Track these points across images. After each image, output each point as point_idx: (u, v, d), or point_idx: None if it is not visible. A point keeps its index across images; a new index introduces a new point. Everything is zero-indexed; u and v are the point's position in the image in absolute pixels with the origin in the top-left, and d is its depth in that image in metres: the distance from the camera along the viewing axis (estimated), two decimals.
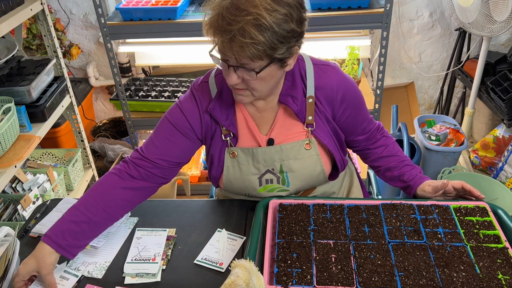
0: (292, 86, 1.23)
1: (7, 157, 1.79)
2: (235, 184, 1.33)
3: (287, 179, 1.30)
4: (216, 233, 1.28)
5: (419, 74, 3.23)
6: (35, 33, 2.89)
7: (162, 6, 2.24)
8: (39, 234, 1.30)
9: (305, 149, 1.28)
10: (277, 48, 1.03)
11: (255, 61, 1.03)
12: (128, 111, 2.58)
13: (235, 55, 1.03)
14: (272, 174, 1.30)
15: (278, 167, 1.28)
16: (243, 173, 1.30)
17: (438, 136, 2.68)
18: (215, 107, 1.23)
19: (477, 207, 1.24)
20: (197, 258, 1.20)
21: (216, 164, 1.32)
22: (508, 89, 2.50)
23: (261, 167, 1.29)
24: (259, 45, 1.00)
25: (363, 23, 2.21)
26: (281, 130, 1.27)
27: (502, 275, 1.04)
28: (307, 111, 1.24)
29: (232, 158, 1.29)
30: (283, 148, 1.26)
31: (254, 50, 1.00)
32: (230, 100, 1.25)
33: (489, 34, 2.41)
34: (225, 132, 1.27)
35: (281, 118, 1.27)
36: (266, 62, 1.05)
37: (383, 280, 1.03)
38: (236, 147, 1.28)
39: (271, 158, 1.27)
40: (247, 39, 0.98)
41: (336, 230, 1.19)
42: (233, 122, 1.26)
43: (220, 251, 1.21)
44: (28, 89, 1.96)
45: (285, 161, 1.27)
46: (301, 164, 1.29)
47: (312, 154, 1.29)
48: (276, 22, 1.00)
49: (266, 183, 1.31)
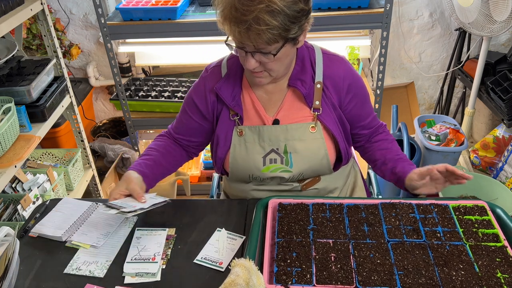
0: (302, 70, 1.29)
1: (7, 157, 1.79)
2: (240, 163, 1.35)
3: (290, 160, 1.32)
4: (215, 232, 1.28)
5: (419, 74, 3.23)
6: (35, 33, 2.89)
7: (162, 6, 2.24)
8: (39, 234, 1.31)
9: (310, 131, 1.31)
10: (290, 29, 1.10)
11: (272, 45, 1.10)
12: (128, 111, 2.58)
13: (252, 43, 1.09)
14: (276, 154, 1.32)
15: (282, 147, 1.31)
16: (248, 151, 1.33)
17: (438, 136, 2.68)
18: (221, 87, 1.31)
19: (476, 206, 1.24)
20: (197, 257, 1.20)
21: (222, 144, 1.36)
22: (508, 89, 2.50)
23: (266, 146, 1.32)
24: (274, 29, 1.06)
25: (363, 23, 2.21)
26: (287, 112, 1.32)
27: (501, 273, 1.04)
28: (315, 96, 1.29)
29: (239, 136, 1.33)
30: (288, 128, 1.30)
31: (270, 35, 1.07)
32: (238, 82, 1.32)
33: (489, 34, 2.41)
34: (233, 112, 1.33)
35: (288, 100, 1.32)
36: (282, 43, 1.12)
37: (382, 279, 1.04)
38: (243, 126, 1.33)
39: (277, 137, 1.31)
40: (262, 26, 1.05)
41: (335, 229, 1.19)
42: (239, 103, 1.32)
43: (220, 251, 1.21)
44: (28, 89, 1.96)
45: (289, 141, 1.30)
46: (305, 145, 1.31)
47: (317, 137, 1.31)
48: (286, 5, 1.06)
49: (270, 163, 1.33)
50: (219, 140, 1.36)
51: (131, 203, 1.24)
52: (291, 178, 1.36)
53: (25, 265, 1.21)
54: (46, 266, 1.21)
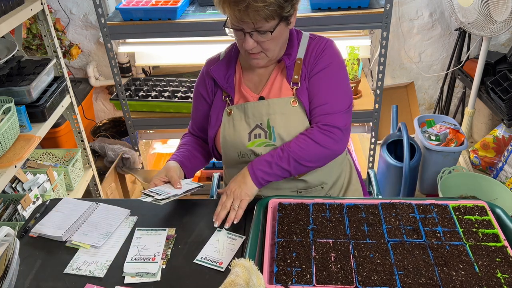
0: (290, 47, 1.37)
1: (7, 157, 1.79)
2: (229, 140, 1.41)
3: (273, 134, 1.36)
4: (215, 232, 1.28)
5: (419, 74, 3.23)
6: (35, 33, 2.90)
7: (162, 6, 2.24)
8: (39, 234, 1.31)
9: (292, 105, 1.35)
10: (284, 7, 1.20)
11: (269, 21, 1.20)
12: (128, 111, 2.58)
13: (252, 20, 1.18)
14: (260, 129, 1.37)
15: (265, 121, 1.36)
16: (236, 129, 1.40)
17: (438, 136, 2.68)
18: (215, 69, 1.41)
19: (476, 206, 1.24)
20: (197, 257, 1.20)
21: (213, 124, 1.45)
22: (508, 89, 2.50)
23: (251, 122, 1.38)
24: (271, 6, 1.16)
25: (363, 23, 2.22)
26: (271, 89, 1.39)
27: (501, 273, 1.04)
28: (295, 70, 1.36)
29: (228, 116, 1.41)
30: (270, 102, 1.36)
31: (267, 12, 1.17)
32: (233, 65, 1.42)
33: (489, 34, 2.41)
34: (225, 94, 1.42)
35: (273, 77, 1.39)
36: (277, 21, 1.22)
37: (382, 279, 1.04)
38: (232, 106, 1.41)
39: (260, 113, 1.36)
40: (259, 3, 1.15)
41: (335, 229, 1.19)
42: (231, 85, 1.42)
43: (220, 251, 1.21)
44: (28, 89, 1.95)
45: (271, 115, 1.36)
46: (286, 119, 1.35)
47: (298, 111, 1.36)
48: None
49: (254, 138, 1.38)
50: (211, 121, 1.45)
51: (167, 190, 1.32)
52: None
53: (25, 265, 1.21)
54: (46, 266, 1.21)
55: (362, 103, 2.59)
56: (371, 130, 2.57)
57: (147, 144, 3.21)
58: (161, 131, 2.82)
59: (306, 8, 2.25)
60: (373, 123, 2.54)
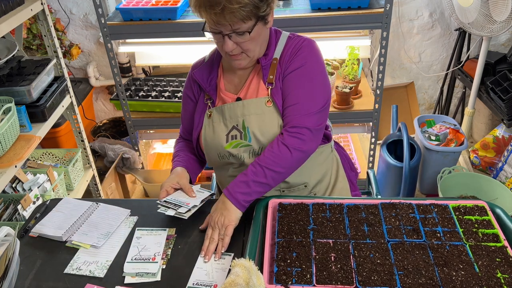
0: (268, 48, 1.37)
1: (7, 157, 1.79)
2: (209, 142, 1.42)
3: (248, 134, 1.36)
4: (200, 256, 1.20)
5: (419, 74, 3.23)
6: (35, 33, 2.90)
7: (162, 6, 2.24)
8: (39, 234, 1.31)
9: (266, 105, 1.35)
10: (260, 7, 1.20)
11: (246, 22, 1.20)
12: (128, 111, 2.58)
13: (228, 22, 1.19)
14: (236, 130, 1.38)
15: (241, 122, 1.36)
16: (215, 130, 1.40)
17: (438, 136, 2.68)
18: (198, 72, 1.42)
19: (476, 206, 1.24)
20: (188, 284, 1.12)
21: (195, 126, 1.46)
22: (508, 89, 2.50)
23: (228, 124, 1.39)
24: (246, 6, 1.17)
25: (363, 23, 2.21)
26: (248, 89, 1.39)
27: (501, 273, 1.04)
28: (270, 70, 1.36)
29: (208, 118, 1.42)
30: (245, 103, 1.36)
31: (243, 13, 1.17)
32: (215, 68, 1.42)
33: (489, 34, 2.41)
34: (207, 96, 1.43)
35: (250, 78, 1.39)
36: (254, 22, 1.22)
37: (382, 279, 1.04)
38: (212, 108, 1.42)
39: (235, 114, 1.37)
40: (234, 5, 1.15)
41: (335, 229, 1.19)
42: (214, 88, 1.42)
43: (210, 274, 1.14)
44: (28, 89, 1.96)
45: (246, 116, 1.36)
46: (261, 119, 1.35)
47: (272, 111, 1.35)
48: None
49: (231, 139, 1.38)
50: (194, 123, 1.47)
51: (183, 199, 1.34)
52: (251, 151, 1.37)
53: (25, 265, 1.21)
54: (46, 266, 1.21)
55: (362, 103, 2.59)
56: (371, 130, 2.58)
57: (147, 144, 3.21)
58: (161, 131, 2.82)
59: (306, 8, 2.25)
60: (373, 123, 2.54)
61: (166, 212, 1.29)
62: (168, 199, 1.33)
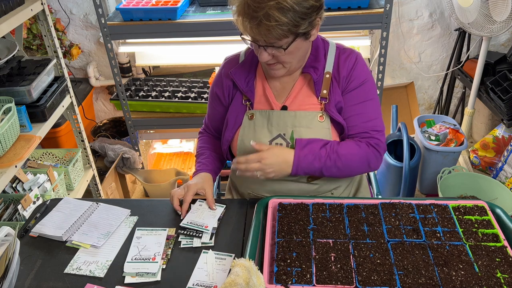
0: (315, 59, 1.33)
1: (8, 157, 1.79)
2: (247, 145, 1.36)
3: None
4: (202, 254, 1.21)
5: (419, 74, 3.23)
6: (36, 33, 2.90)
7: (162, 6, 2.24)
8: (39, 234, 1.31)
9: (319, 121, 1.32)
10: (300, 25, 1.14)
11: (282, 39, 1.15)
12: (128, 111, 2.58)
13: (263, 37, 1.15)
14: (282, 139, 1.34)
15: (289, 132, 1.33)
16: (256, 134, 1.36)
17: (438, 136, 2.68)
18: (236, 72, 1.37)
19: (475, 206, 1.24)
20: (188, 284, 1.12)
21: (231, 127, 1.40)
22: (507, 89, 2.50)
23: (273, 130, 1.35)
24: (284, 25, 1.11)
25: (363, 23, 2.22)
26: (295, 100, 1.34)
27: (500, 273, 1.04)
28: (323, 85, 1.32)
29: (249, 120, 1.37)
30: (297, 114, 1.33)
31: (279, 31, 1.12)
32: (253, 69, 1.38)
33: (488, 34, 2.42)
34: (245, 98, 1.38)
35: (298, 87, 1.35)
36: (292, 38, 1.17)
37: (382, 279, 1.04)
38: (254, 110, 1.37)
39: (285, 123, 1.33)
40: (272, 22, 1.10)
41: (335, 229, 1.19)
42: (251, 89, 1.37)
43: (210, 274, 1.14)
44: (29, 89, 1.96)
45: (297, 127, 1.32)
46: (312, 134, 1.32)
47: (325, 127, 1.33)
48: (296, 2, 1.11)
49: None
50: (228, 122, 1.41)
51: (199, 221, 1.31)
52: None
53: (25, 265, 1.21)
54: (47, 266, 1.21)
55: None
56: None
57: (147, 144, 3.21)
58: (161, 131, 2.82)
59: None
60: None
61: (192, 245, 1.25)
62: (186, 224, 1.30)
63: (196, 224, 1.29)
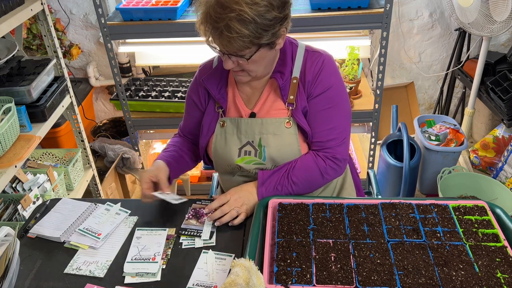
0: (282, 64, 1.32)
1: (7, 157, 1.79)
2: (220, 152, 1.40)
3: (264, 153, 1.35)
4: (202, 254, 1.21)
5: (419, 74, 3.23)
6: (35, 33, 2.90)
7: (162, 6, 2.24)
8: (37, 235, 1.31)
9: (286, 127, 1.33)
10: (262, 36, 1.13)
11: (244, 50, 1.15)
12: (128, 111, 2.58)
13: (225, 48, 1.15)
14: (251, 146, 1.35)
15: (257, 140, 1.34)
16: (227, 142, 1.38)
17: (438, 136, 2.68)
18: (208, 79, 1.37)
19: (476, 206, 1.24)
20: (188, 284, 1.12)
21: (204, 134, 1.42)
22: (508, 89, 2.50)
23: (243, 138, 1.36)
24: (245, 37, 1.10)
25: (363, 23, 2.21)
26: (264, 106, 1.35)
27: (501, 273, 1.04)
28: (290, 90, 1.31)
29: (221, 127, 1.38)
30: (263, 121, 1.34)
31: (240, 43, 1.11)
32: (225, 76, 1.38)
33: (489, 34, 2.41)
34: (218, 105, 1.39)
35: (266, 93, 1.35)
36: (255, 49, 1.17)
37: (382, 279, 1.04)
38: (225, 117, 1.38)
39: (252, 130, 1.34)
40: (233, 33, 1.09)
41: (335, 229, 1.19)
42: (224, 96, 1.37)
43: (210, 274, 1.14)
44: (28, 89, 1.95)
45: (264, 134, 1.33)
46: (279, 140, 1.33)
47: (291, 133, 1.33)
48: (257, 14, 1.10)
49: (244, 155, 1.36)
50: (203, 130, 1.42)
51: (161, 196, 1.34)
52: (265, 168, 1.38)
53: (25, 265, 1.21)
54: (46, 266, 1.21)
55: (362, 103, 2.59)
56: (371, 130, 2.58)
57: (147, 144, 3.21)
58: (161, 131, 2.82)
59: (306, 8, 2.25)
60: (373, 123, 2.54)
61: (194, 245, 1.25)
62: (157, 195, 1.33)
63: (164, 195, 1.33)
